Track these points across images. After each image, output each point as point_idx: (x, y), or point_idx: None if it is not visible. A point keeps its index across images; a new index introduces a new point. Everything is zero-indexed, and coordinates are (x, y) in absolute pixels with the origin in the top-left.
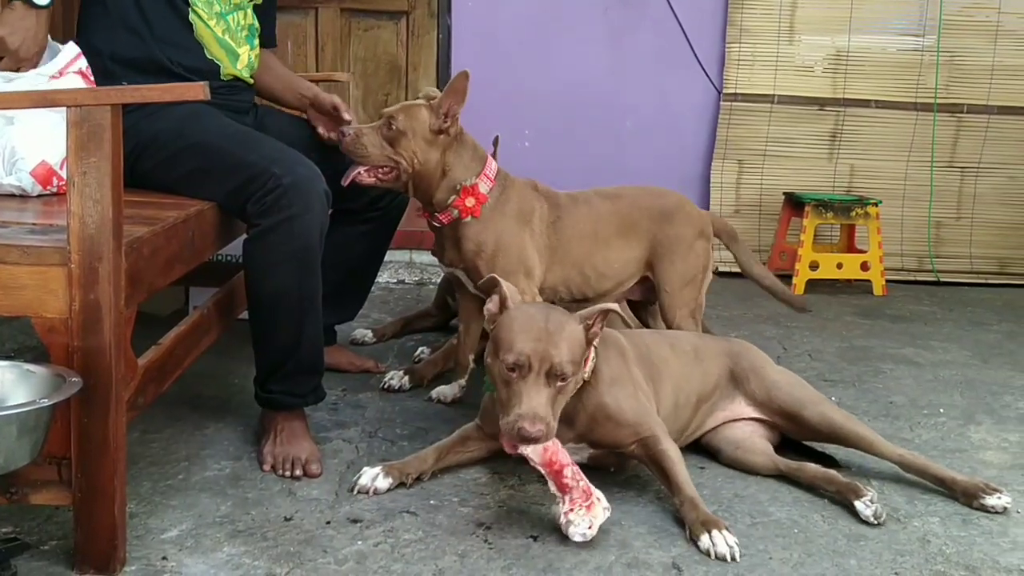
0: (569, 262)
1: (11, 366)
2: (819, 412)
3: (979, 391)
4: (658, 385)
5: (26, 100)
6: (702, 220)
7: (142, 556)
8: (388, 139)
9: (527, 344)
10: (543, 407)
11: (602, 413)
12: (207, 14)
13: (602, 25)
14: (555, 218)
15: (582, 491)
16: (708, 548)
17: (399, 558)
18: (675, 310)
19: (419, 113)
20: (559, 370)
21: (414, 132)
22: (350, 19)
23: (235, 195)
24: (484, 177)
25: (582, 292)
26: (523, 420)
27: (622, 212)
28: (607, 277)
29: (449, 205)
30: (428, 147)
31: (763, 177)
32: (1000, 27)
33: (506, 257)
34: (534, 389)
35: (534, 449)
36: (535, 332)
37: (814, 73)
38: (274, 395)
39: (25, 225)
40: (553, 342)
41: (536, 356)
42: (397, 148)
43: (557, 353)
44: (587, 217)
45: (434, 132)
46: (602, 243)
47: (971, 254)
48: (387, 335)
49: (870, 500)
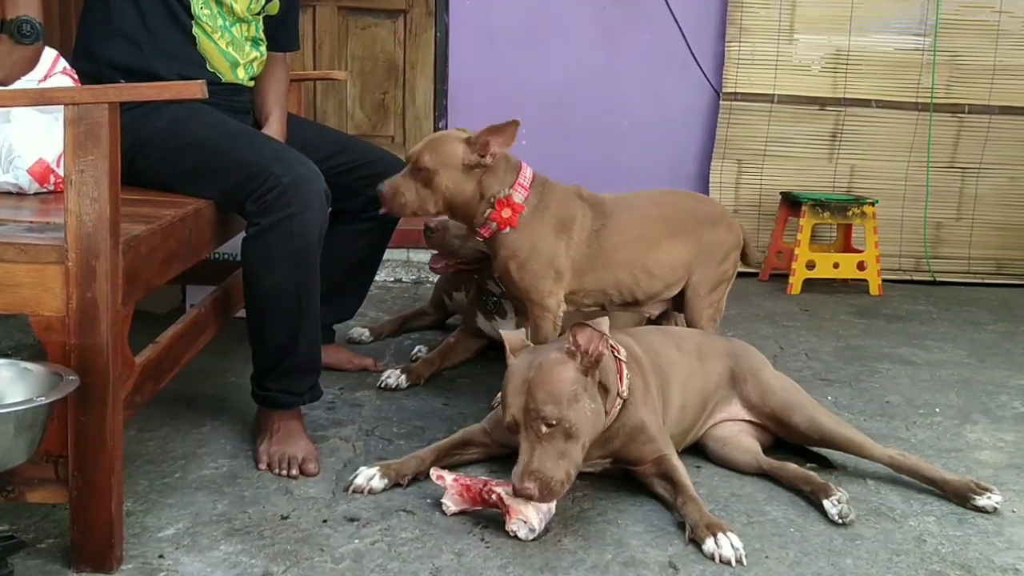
0: (618, 265)
1: (8, 364)
2: (808, 417)
3: (975, 391)
4: (667, 390)
5: (24, 98)
6: (739, 231)
7: (139, 554)
8: (421, 181)
9: (513, 401)
10: (536, 463)
11: (638, 430)
12: (211, 27)
13: (599, 24)
14: (600, 225)
15: (498, 501)
16: (713, 551)
17: (396, 557)
18: (701, 312)
19: (448, 147)
20: (537, 415)
21: (445, 166)
22: (347, 17)
23: (234, 193)
24: (518, 187)
25: (632, 294)
26: (515, 480)
27: (669, 216)
28: (656, 278)
29: (487, 219)
30: (463, 178)
31: (762, 177)
32: (1001, 27)
33: (537, 262)
34: (525, 445)
35: (453, 501)
36: (519, 386)
37: (814, 73)
38: (271, 393)
39: (22, 223)
40: (531, 391)
41: (519, 411)
42: (432, 188)
43: (533, 401)
44: (634, 221)
45: (468, 165)
46: (651, 245)
47: (970, 255)
48: (384, 334)
49: (837, 500)
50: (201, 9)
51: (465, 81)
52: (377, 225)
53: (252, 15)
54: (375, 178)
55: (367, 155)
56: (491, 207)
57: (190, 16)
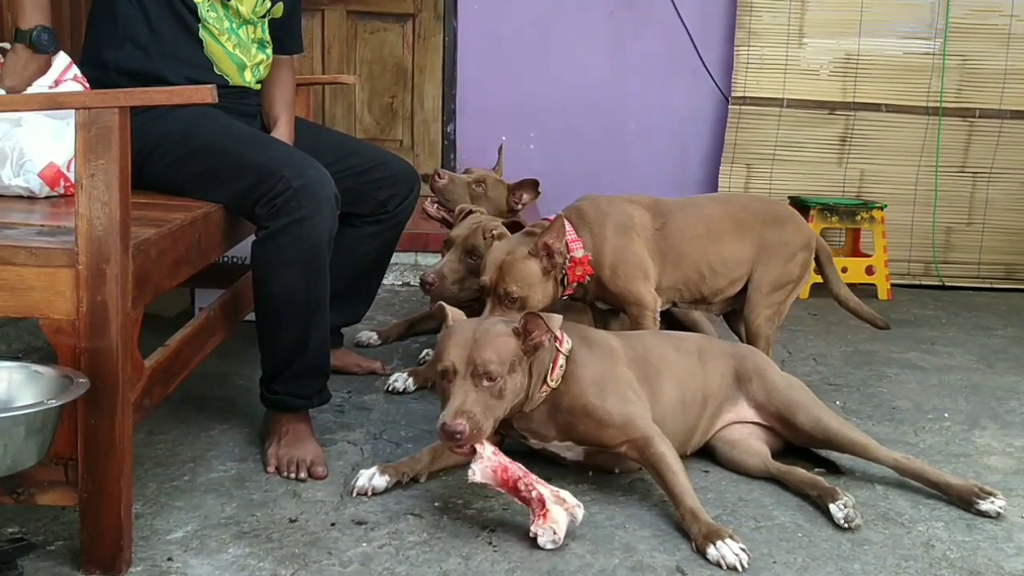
0: (685, 262)
1: (19, 367)
2: (814, 417)
3: (984, 396)
4: (656, 383)
5: (35, 103)
6: (810, 234)
7: (148, 557)
8: (517, 308)
9: (454, 351)
10: (468, 404)
11: (582, 411)
12: (218, 30)
13: (607, 28)
14: (660, 224)
15: (536, 501)
16: (718, 560)
17: (404, 560)
18: (760, 310)
19: (524, 269)
20: (483, 369)
21: (532, 287)
22: (356, 21)
23: (244, 197)
24: (571, 245)
25: (699, 290)
26: (445, 417)
27: (734, 214)
28: (720, 275)
29: (567, 285)
30: (547, 284)
31: (771, 181)
32: (1012, 31)
33: (624, 266)
34: (460, 390)
35: (483, 472)
36: (462, 341)
37: (823, 77)
38: (280, 396)
39: (33, 226)
40: (477, 347)
41: (461, 361)
42: (528, 307)
43: (479, 355)
44: (697, 218)
45: (546, 273)
46: (715, 241)
47: (979, 260)
48: (392, 337)
49: (844, 505)
50: (208, 12)
51: (473, 85)
52: (386, 228)
53: (258, 17)
54: (383, 181)
55: (376, 159)
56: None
57: (197, 19)
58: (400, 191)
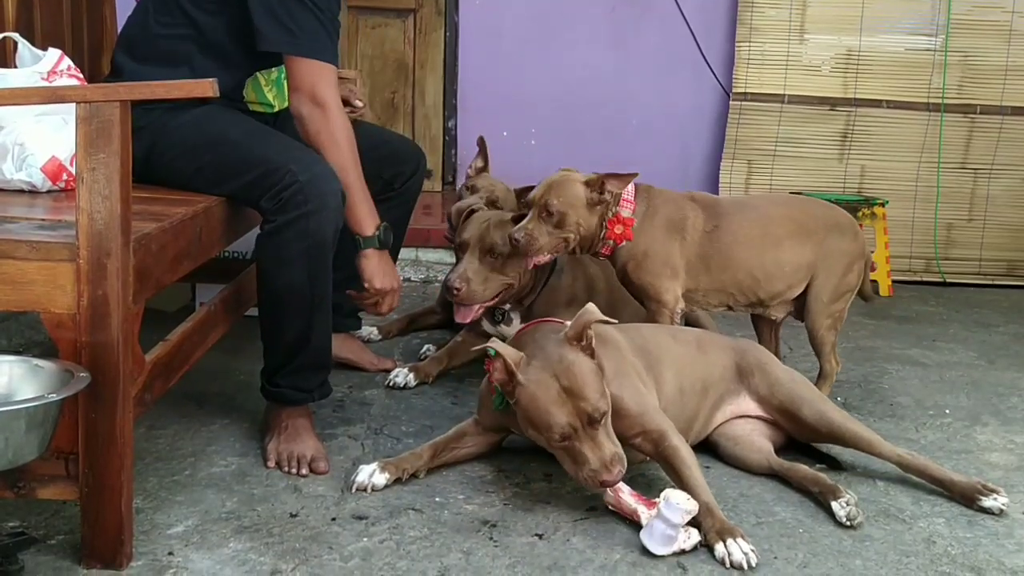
0: (735, 265)
1: (19, 361)
2: (817, 411)
3: (985, 392)
4: (658, 372)
5: (35, 96)
6: (864, 245)
7: (148, 551)
8: (552, 224)
9: (561, 417)
10: (608, 448)
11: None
12: (265, 80)
13: (609, 24)
14: (713, 226)
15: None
16: (723, 556)
17: (404, 555)
18: (822, 319)
19: (574, 188)
20: (597, 415)
21: (573, 207)
22: (357, 16)
23: (251, 190)
24: (624, 203)
25: (755, 294)
26: (598, 470)
27: (796, 217)
28: (777, 279)
29: (603, 239)
30: (589, 214)
31: (772, 177)
32: (1013, 27)
33: (653, 261)
34: (591, 442)
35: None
36: (558, 399)
37: (824, 73)
38: (281, 389)
39: (34, 221)
40: (576, 396)
41: (575, 421)
42: (564, 227)
43: (587, 403)
44: (754, 220)
45: (591, 203)
46: (772, 244)
47: (981, 256)
48: (393, 332)
49: (846, 502)
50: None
51: (474, 80)
52: (394, 206)
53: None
54: (387, 160)
55: (377, 137)
56: (604, 229)
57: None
58: (406, 169)
